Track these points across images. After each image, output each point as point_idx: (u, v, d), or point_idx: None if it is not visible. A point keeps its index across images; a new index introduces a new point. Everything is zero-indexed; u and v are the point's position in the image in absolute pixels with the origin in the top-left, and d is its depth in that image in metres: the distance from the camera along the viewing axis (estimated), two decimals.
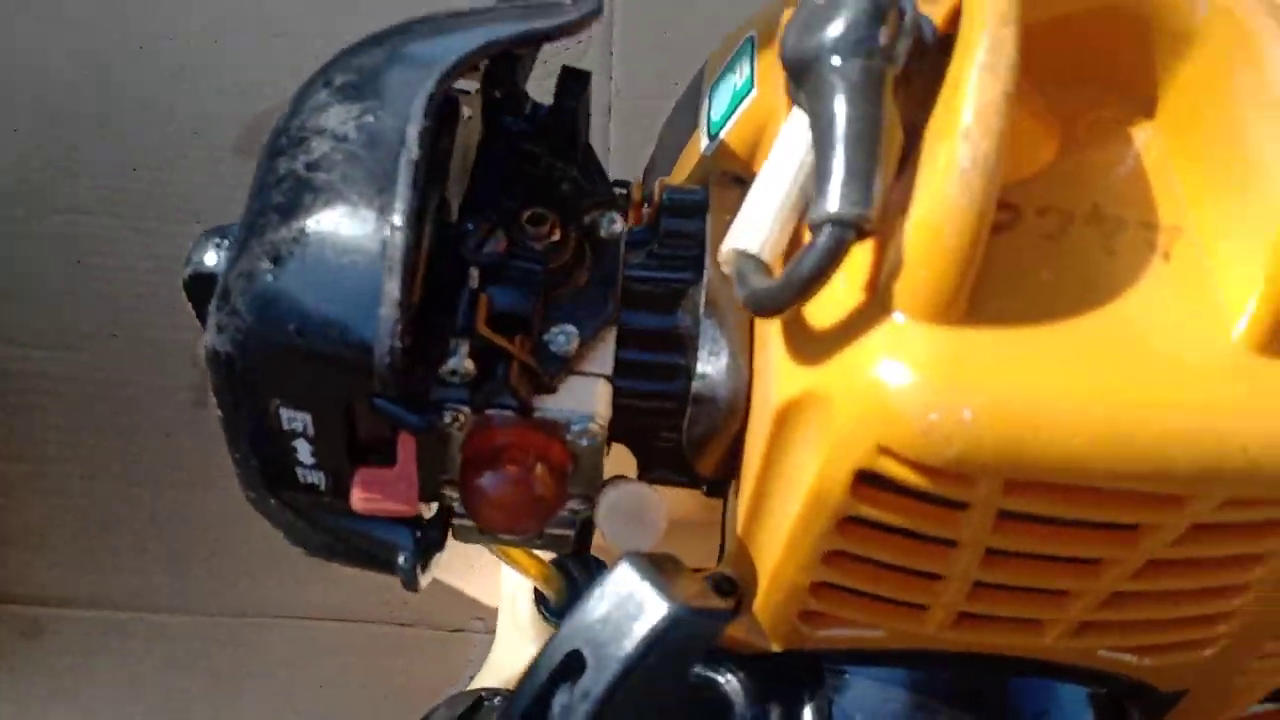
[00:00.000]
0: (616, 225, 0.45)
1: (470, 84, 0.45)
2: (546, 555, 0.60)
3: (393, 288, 0.37)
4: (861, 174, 0.32)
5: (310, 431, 0.41)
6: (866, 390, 0.33)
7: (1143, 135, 0.36)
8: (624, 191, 0.47)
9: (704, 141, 0.49)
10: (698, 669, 0.44)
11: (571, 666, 0.37)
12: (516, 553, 0.56)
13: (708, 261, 0.44)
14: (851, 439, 0.34)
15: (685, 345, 0.43)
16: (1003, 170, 0.31)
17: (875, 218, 0.32)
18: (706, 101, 0.50)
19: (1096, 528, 0.35)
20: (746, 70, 0.48)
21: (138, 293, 0.46)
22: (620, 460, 0.46)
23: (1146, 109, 0.37)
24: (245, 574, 0.74)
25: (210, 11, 0.91)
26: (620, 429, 0.44)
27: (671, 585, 0.37)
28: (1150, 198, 0.35)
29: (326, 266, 0.38)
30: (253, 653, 0.71)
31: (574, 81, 0.44)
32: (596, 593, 0.38)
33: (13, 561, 0.72)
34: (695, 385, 0.42)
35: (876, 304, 0.34)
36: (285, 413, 0.40)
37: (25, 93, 0.88)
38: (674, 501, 0.46)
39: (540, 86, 0.47)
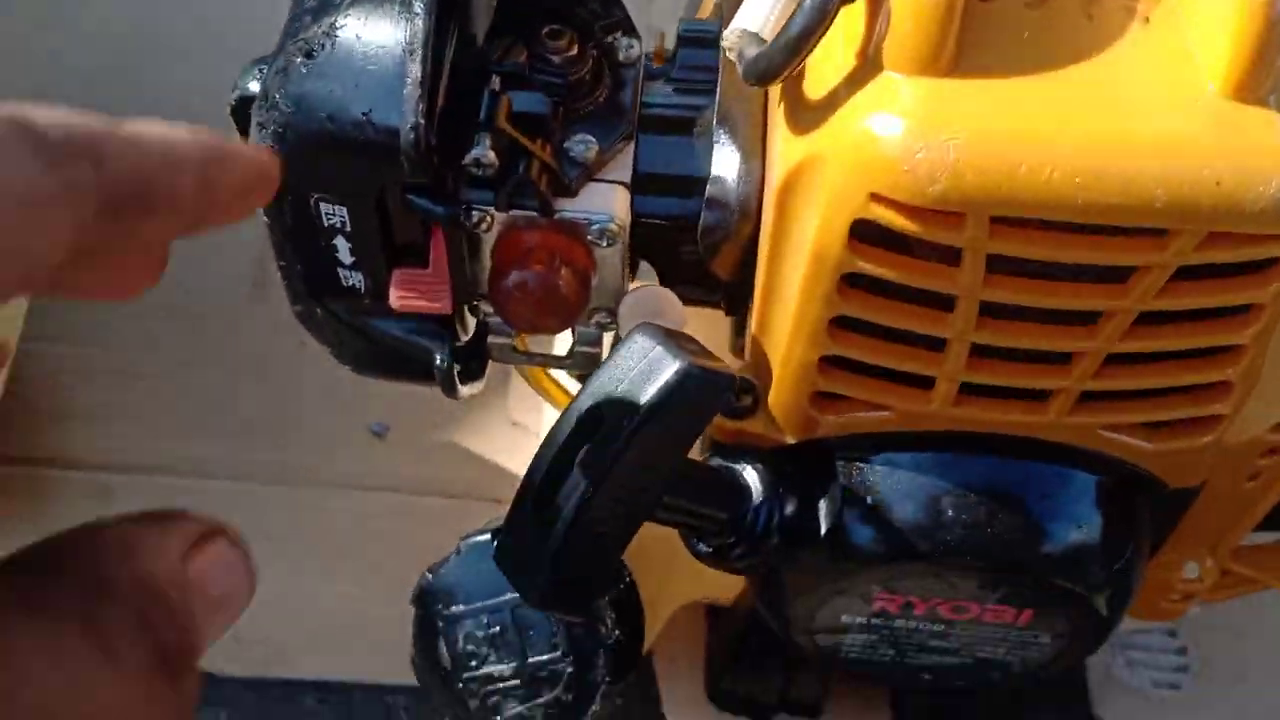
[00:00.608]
0: (634, 49, 0.47)
1: None
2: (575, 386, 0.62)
3: (415, 69, 0.39)
4: None
5: (348, 227, 0.44)
6: (857, 141, 0.35)
7: None
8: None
9: None
10: (719, 460, 0.47)
11: (590, 424, 0.39)
12: (548, 383, 0.59)
13: (720, 83, 0.46)
14: (846, 190, 0.35)
15: (700, 161, 0.45)
16: None
17: None
18: None
19: (1087, 278, 0.36)
20: None
21: None
22: None
23: None
24: (307, 449, 0.77)
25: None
26: (642, 244, 0.47)
27: (683, 349, 0.39)
28: None
29: (355, 57, 0.40)
30: (308, 519, 0.75)
31: None
32: (614, 357, 0.40)
33: (82, 433, 0.76)
34: (709, 189, 0.44)
35: (868, 65, 0.36)
36: (324, 207, 0.43)
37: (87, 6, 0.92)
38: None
39: None
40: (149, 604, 0.24)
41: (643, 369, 0.39)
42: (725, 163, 0.44)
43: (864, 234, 0.36)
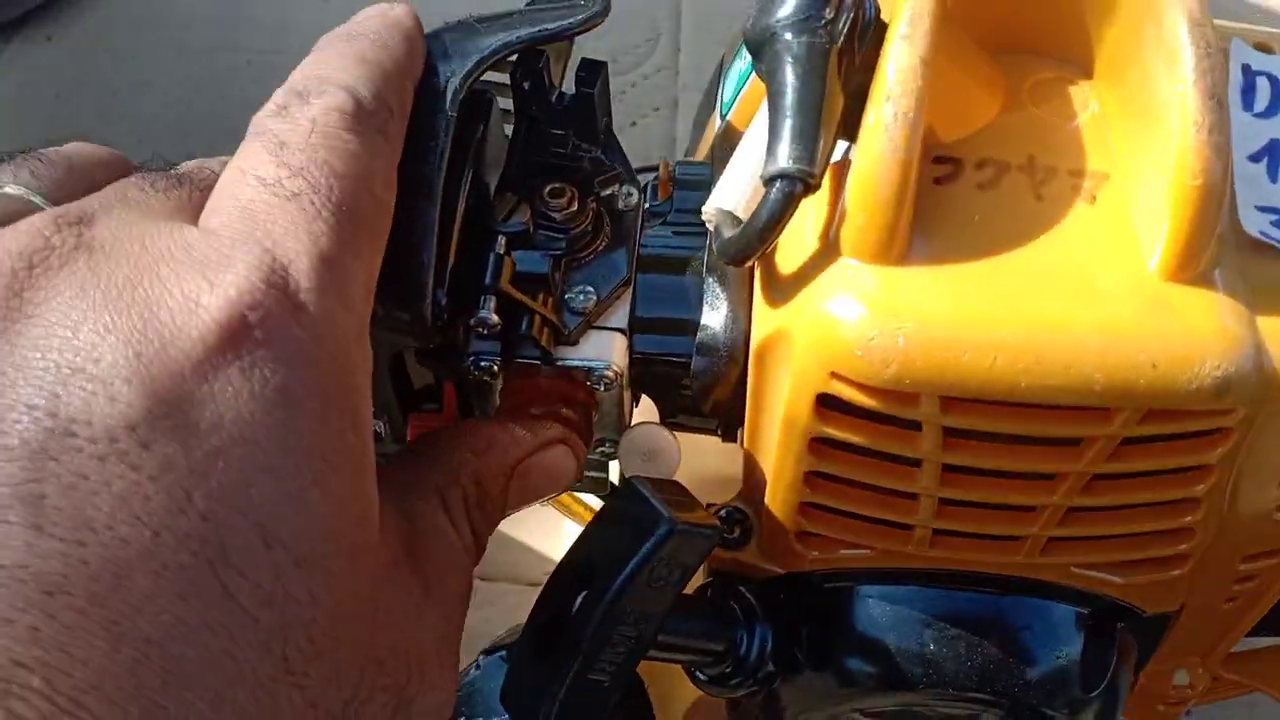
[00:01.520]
0: (633, 197, 0.50)
1: (502, 77, 0.52)
2: (596, 503, 0.65)
3: (427, 254, 0.43)
4: (805, 135, 0.37)
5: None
6: (818, 323, 0.38)
7: (1081, 93, 0.40)
8: (657, 173, 0.53)
9: (717, 121, 0.54)
10: (713, 589, 0.49)
11: (584, 575, 0.42)
12: (569, 500, 0.62)
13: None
14: (809, 366, 0.38)
15: (692, 303, 0.48)
16: (924, 125, 0.36)
17: (819, 173, 0.37)
18: (720, 85, 0.55)
19: (1040, 443, 0.39)
20: None
21: None
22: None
23: (1085, 70, 0.41)
24: None
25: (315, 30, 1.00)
26: (643, 381, 0.50)
27: (670, 504, 0.42)
28: (1081, 148, 0.39)
29: None
30: None
31: (590, 71, 0.50)
32: (606, 509, 0.43)
33: None
34: (699, 335, 0.47)
35: (829, 251, 0.39)
36: None
37: (142, 99, 0.98)
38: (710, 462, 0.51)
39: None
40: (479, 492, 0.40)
41: (632, 524, 0.42)
42: (713, 311, 0.47)
43: (829, 404, 0.39)
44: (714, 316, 0.47)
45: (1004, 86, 0.40)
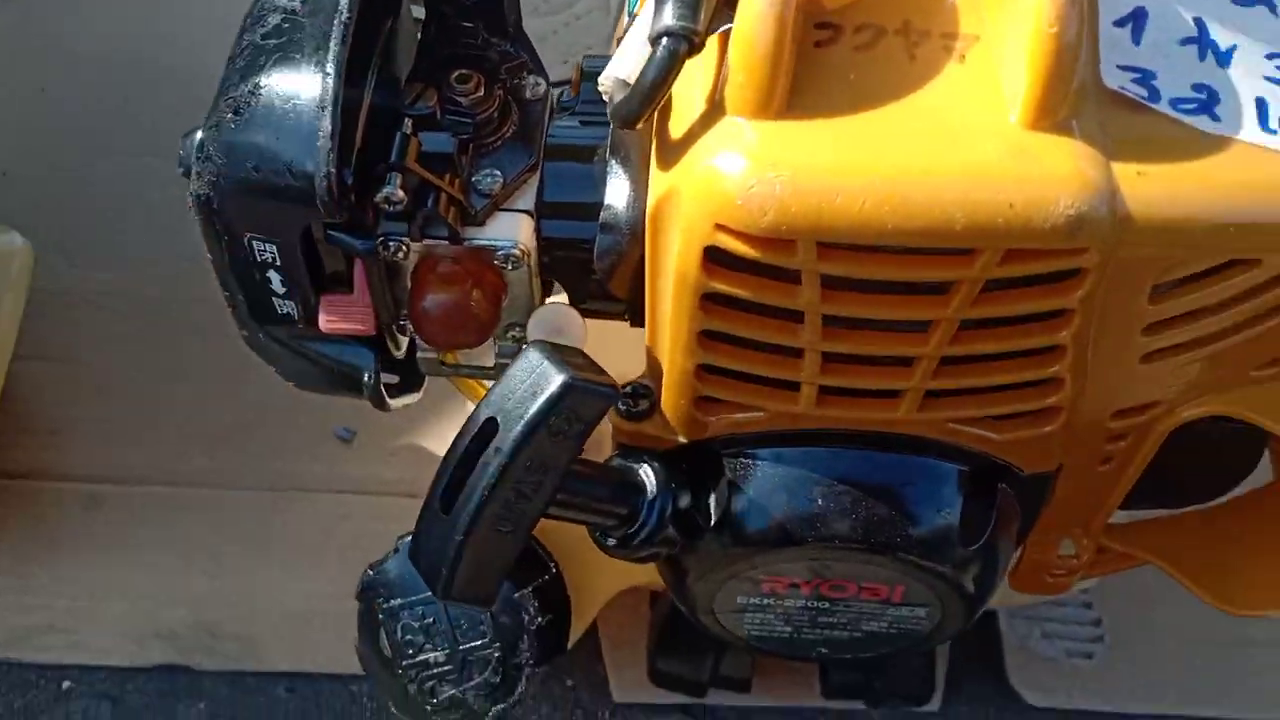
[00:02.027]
0: (540, 87, 0.52)
1: None
2: None
3: (326, 123, 0.44)
4: None
5: (278, 261, 0.48)
6: (702, 177, 0.40)
7: None
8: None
9: (625, 18, 0.56)
10: (618, 460, 0.52)
11: (488, 431, 0.44)
12: (479, 390, 0.64)
13: None
14: (695, 220, 0.40)
15: (598, 189, 0.50)
16: None
17: (703, 31, 0.39)
18: None
19: (912, 291, 0.41)
20: None
21: (179, 222, 0.54)
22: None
23: None
24: (276, 455, 0.82)
25: None
26: (553, 267, 0.52)
27: (569, 365, 0.44)
28: (955, 13, 0.41)
29: (275, 113, 0.45)
30: (279, 522, 0.80)
31: None
32: (509, 371, 0.45)
33: (74, 447, 0.81)
34: (603, 214, 0.49)
35: (714, 111, 0.41)
36: (256, 244, 0.48)
37: (82, 43, 0.98)
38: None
39: None
40: None
41: (532, 382, 0.44)
42: (616, 190, 0.49)
43: (716, 258, 0.41)
44: (616, 196, 0.49)
45: None
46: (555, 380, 0.43)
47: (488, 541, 0.45)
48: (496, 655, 0.57)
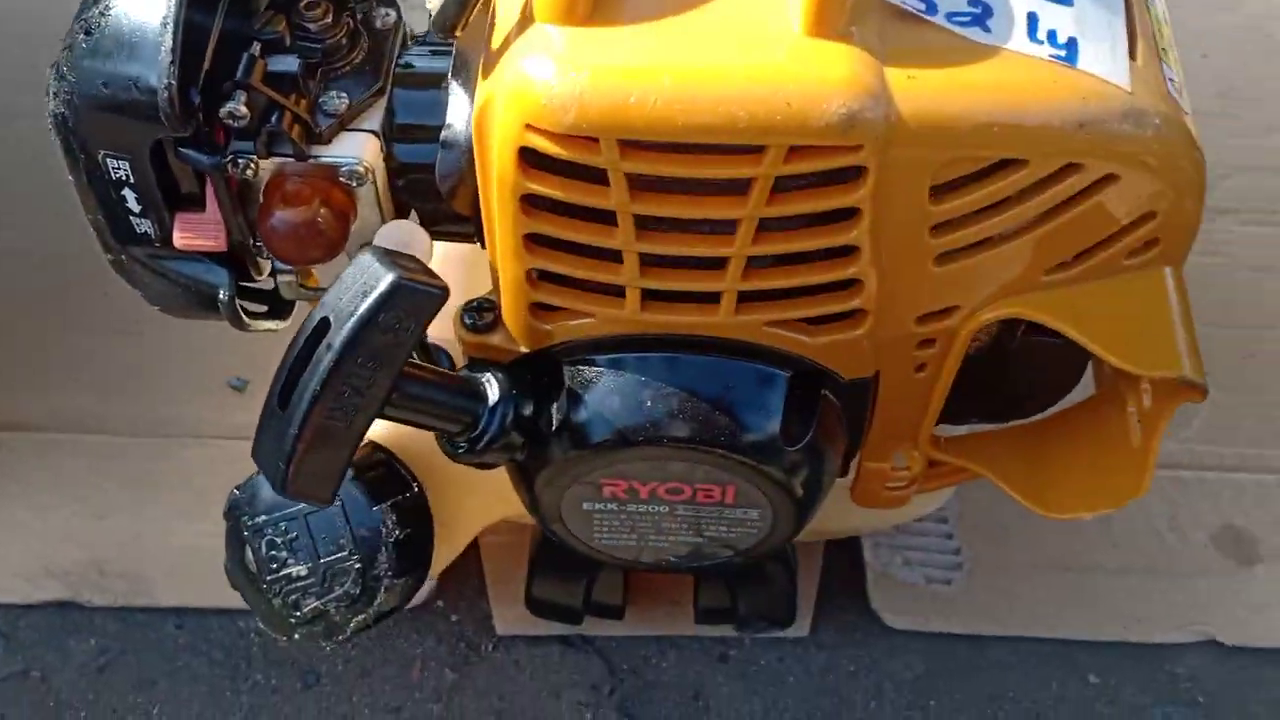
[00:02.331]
0: (390, 17, 0.54)
1: None
2: None
3: (169, 40, 0.46)
4: None
5: (132, 178, 0.51)
6: (512, 81, 0.43)
7: None
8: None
9: None
10: (465, 370, 0.54)
11: (321, 330, 0.47)
12: None
13: (457, 41, 0.53)
14: (508, 123, 0.43)
15: (444, 113, 0.53)
16: None
17: None
18: None
19: (712, 190, 0.44)
20: None
21: (67, 181, 0.56)
22: None
23: None
24: (164, 402, 0.84)
25: None
26: (405, 189, 0.54)
27: (400, 267, 0.46)
28: None
29: (123, 32, 0.47)
30: (170, 466, 0.81)
31: None
32: (342, 275, 0.47)
33: None
34: (443, 134, 0.51)
35: (527, 20, 0.43)
36: (111, 161, 0.50)
37: None
38: None
39: None
40: None
41: (364, 282, 0.46)
42: (456, 110, 0.51)
43: (530, 159, 0.44)
44: (456, 115, 0.51)
45: None
46: (385, 280, 0.46)
47: (323, 436, 0.47)
48: (356, 567, 0.59)
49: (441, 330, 0.54)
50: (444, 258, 0.57)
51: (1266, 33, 1.05)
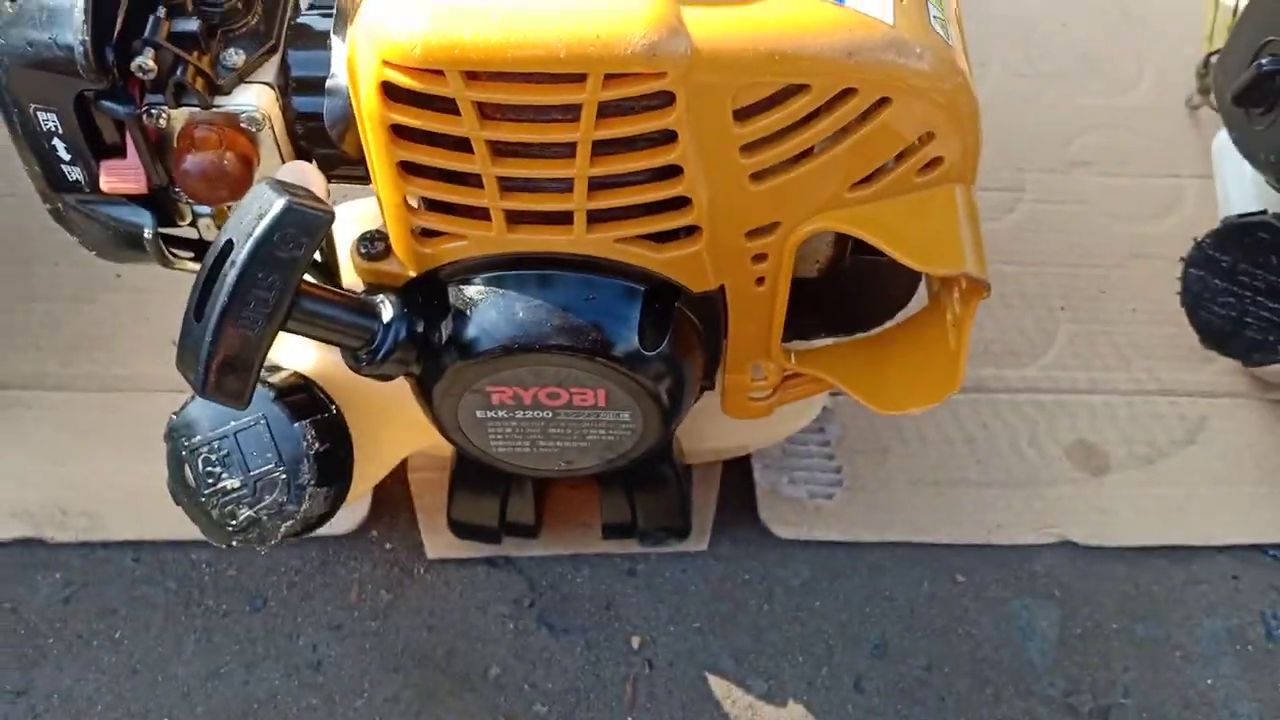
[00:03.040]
0: None
1: None
2: None
3: (81, 2, 0.54)
4: None
5: (60, 129, 0.58)
6: (370, 24, 0.50)
7: None
8: None
9: None
10: (363, 295, 0.61)
11: (226, 250, 0.54)
12: None
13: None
14: (370, 61, 0.51)
15: (330, 66, 0.60)
16: None
17: None
18: None
19: (549, 117, 0.51)
20: None
21: (13, 155, 0.63)
22: None
23: None
24: (119, 362, 0.92)
25: None
26: (304, 138, 0.62)
27: (290, 192, 0.54)
28: None
29: (44, 1, 0.55)
30: (122, 418, 0.89)
31: None
32: (242, 202, 0.55)
33: None
34: (328, 83, 0.59)
35: None
36: (41, 115, 0.58)
37: None
38: None
39: None
40: None
41: (259, 207, 0.54)
42: (338, 61, 0.59)
43: (391, 93, 0.51)
44: (338, 66, 0.59)
45: None
46: (277, 204, 0.53)
47: (234, 341, 0.54)
48: (282, 478, 0.66)
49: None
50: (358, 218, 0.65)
51: (1120, 2, 1.15)
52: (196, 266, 0.67)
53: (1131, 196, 1.02)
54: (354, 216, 0.70)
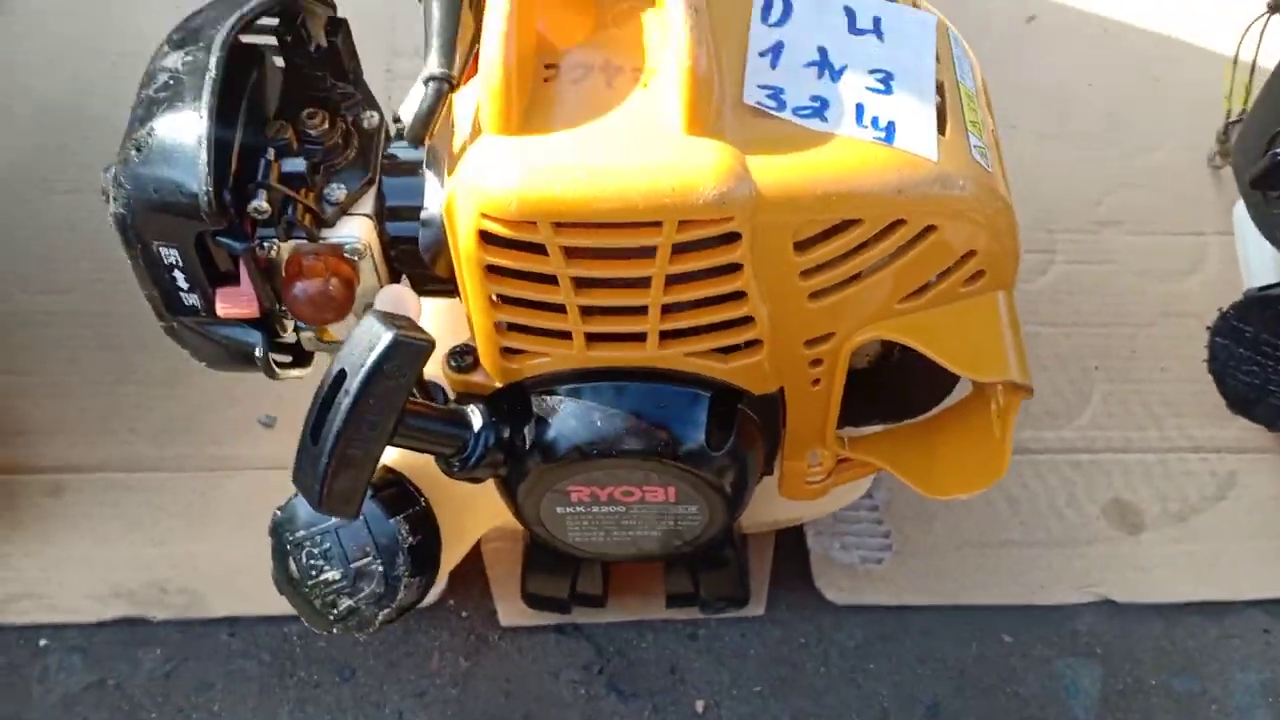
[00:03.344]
0: (374, 119, 0.68)
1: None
2: None
3: (204, 155, 0.60)
4: (446, 48, 0.55)
5: (180, 262, 0.64)
6: (470, 180, 0.56)
7: (644, 13, 0.59)
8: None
9: None
10: (454, 403, 0.67)
11: (340, 379, 0.60)
12: None
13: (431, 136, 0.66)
14: (469, 212, 0.56)
15: (423, 196, 0.66)
16: (534, 41, 0.54)
17: (458, 76, 0.55)
18: None
19: (628, 255, 0.57)
20: None
21: (115, 246, 0.69)
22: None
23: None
24: (211, 442, 0.98)
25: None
26: (397, 259, 0.68)
27: (395, 324, 0.59)
28: (642, 51, 0.57)
29: (167, 149, 0.61)
30: (215, 497, 0.95)
31: (334, 26, 0.68)
32: (352, 334, 0.60)
33: (36, 443, 0.97)
34: (422, 215, 0.65)
35: (476, 130, 0.57)
36: (162, 249, 0.64)
37: (21, 100, 1.14)
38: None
39: None
40: None
41: (369, 340, 0.59)
42: (431, 195, 0.65)
43: (487, 238, 0.57)
44: (432, 199, 0.65)
45: (595, 13, 0.59)
46: (385, 337, 0.59)
47: (347, 463, 0.60)
48: (379, 570, 0.72)
49: (435, 370, 0.68)
50: (433, 310, 0.71)
51: (1144, 63, 1.20)
52: (298, 374, 0.73)
53: (1159, 255, 1.07)
54: (433, 313, 0.76)
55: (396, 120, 0.67)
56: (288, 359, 0.72)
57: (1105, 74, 1.19)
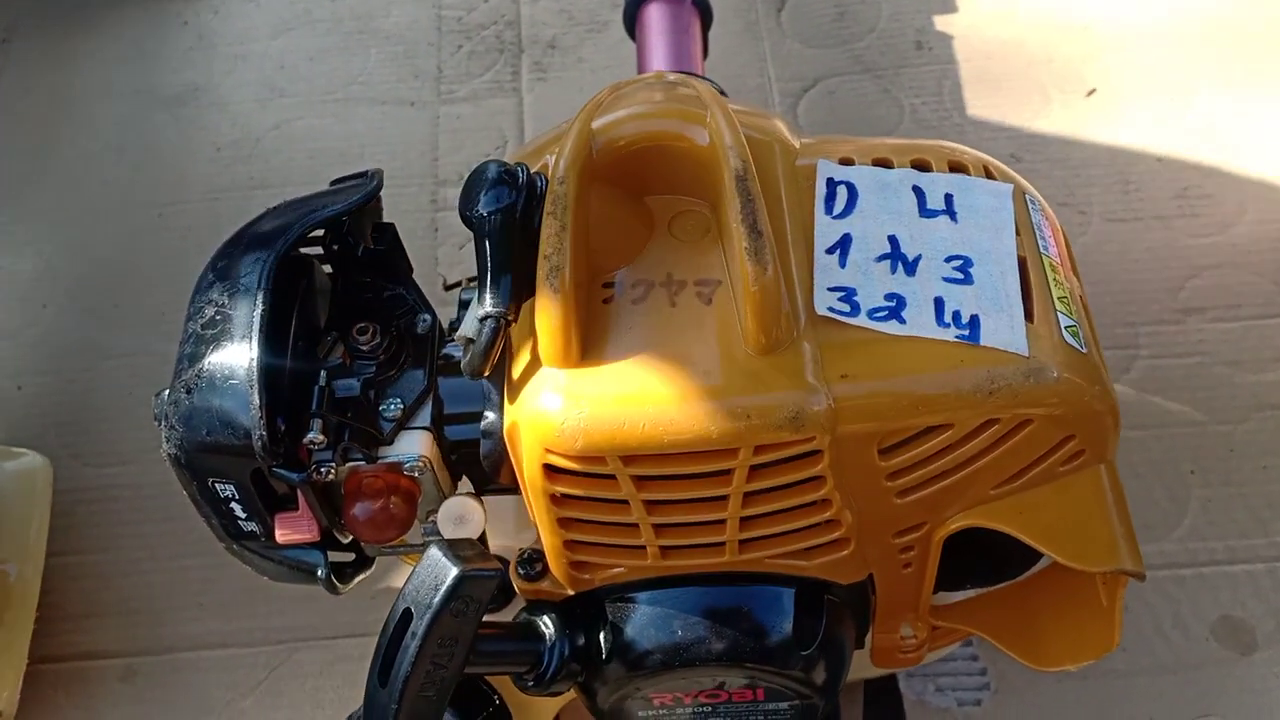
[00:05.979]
0: (426, 323, 0.65)
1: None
2: None
3: (255, 397, 0.58)
4: (500, 286, 0.52)
5: (237, 496, 0.62)
6: (531, 416, 0.53)
7: (705, 221, 0.56)
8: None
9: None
10: (524, 614, 0.64)
11: (405, 618, 0.57)
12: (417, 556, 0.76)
13: None
14: (532, 447, 0.54)
15: (482, 398, 0.63)
16: (589, 261, 0.51)
17: (512, 312, 0.53)
18: None
19: (700, 477, 0.54)
20: None
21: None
22: None
23: (710, 203, 0.56)
24: (278, 613, 0.96)
25: (208, 181, 1.17)
26: (457, 463, 0.65)
27: (459, 558, 0.57)
28: (704, 263, 0.54)
29: (217, 390, 0.59)
30: (290, 669, 0.93)
31: (380, 231, 0.66)
32: (416, 570, 0.58)
33: (107, 626, 0.96)
34: (482, 425, 0.62)
35: (535, 362, 0.54)
36: (218, 485, 0.62)
37: (67, 268, 1.13)
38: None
39: None
40: None
41: (433, 576, 0.57)
42: (491, 407, 0.62)
43: (552, 470, 0.54)
44: (491, 411, 0.62)
45: (652, 221, 0.56)
46: (450, 573, 0.56)
47: (416, 705, 0.57)
48: None
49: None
50: (496, 504, 0.68)
51: (1215, 131, 1.14)
52: (361, 577, 0.71)
53: (1249, 341, 1.01)
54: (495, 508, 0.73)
55: (451, 328, 0.64)
56: (349, 556, 0.70)
57: (1174, 145, 1.13)
